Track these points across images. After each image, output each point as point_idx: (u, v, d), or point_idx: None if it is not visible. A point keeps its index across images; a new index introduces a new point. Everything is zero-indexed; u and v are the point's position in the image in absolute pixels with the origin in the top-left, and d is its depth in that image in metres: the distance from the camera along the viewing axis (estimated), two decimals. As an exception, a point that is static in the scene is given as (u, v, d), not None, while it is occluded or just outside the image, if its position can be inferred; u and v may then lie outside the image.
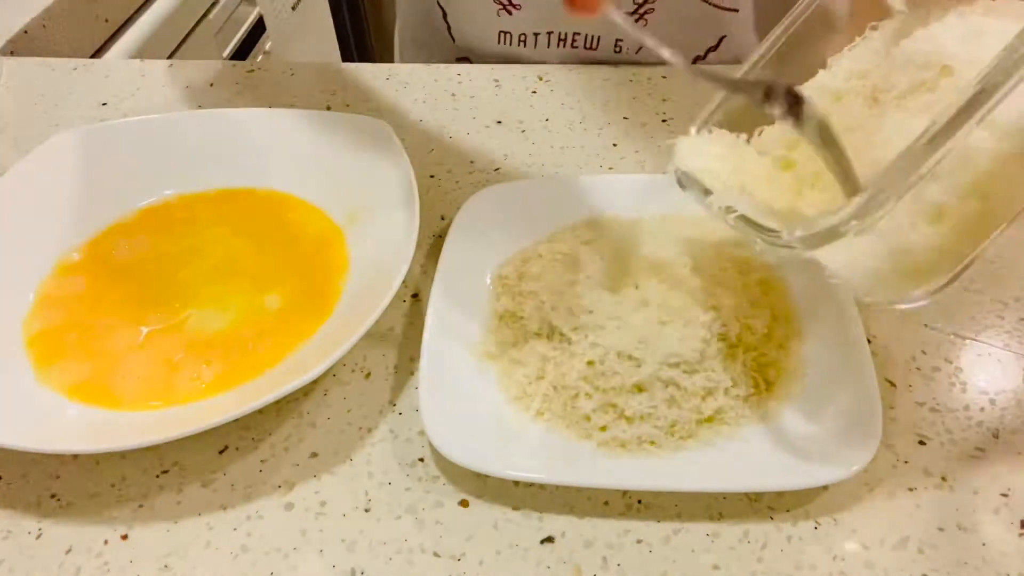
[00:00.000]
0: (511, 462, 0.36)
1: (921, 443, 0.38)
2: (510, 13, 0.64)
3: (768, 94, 0.31)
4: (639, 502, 0.37)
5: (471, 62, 0.69)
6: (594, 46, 0.65)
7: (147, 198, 0.52)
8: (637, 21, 0.62)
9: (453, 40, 0.69)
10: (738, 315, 0.40)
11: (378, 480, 0.38)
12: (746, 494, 0.37)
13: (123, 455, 0.39)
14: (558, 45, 0.66)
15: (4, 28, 0.78)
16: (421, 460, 0.39)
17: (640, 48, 0.64)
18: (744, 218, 0.33)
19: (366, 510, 0.37)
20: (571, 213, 0.48)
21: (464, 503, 0.37)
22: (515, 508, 0.37)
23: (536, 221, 0.48)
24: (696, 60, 0.65)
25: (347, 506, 0.37)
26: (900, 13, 0.37)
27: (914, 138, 0.28)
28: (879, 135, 0.33)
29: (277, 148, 0.52)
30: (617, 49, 0.65)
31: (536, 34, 0.65)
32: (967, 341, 0.43)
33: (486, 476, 0.38)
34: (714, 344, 0.39)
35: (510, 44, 0.66)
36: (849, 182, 0.31)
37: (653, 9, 0.62)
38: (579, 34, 0.64)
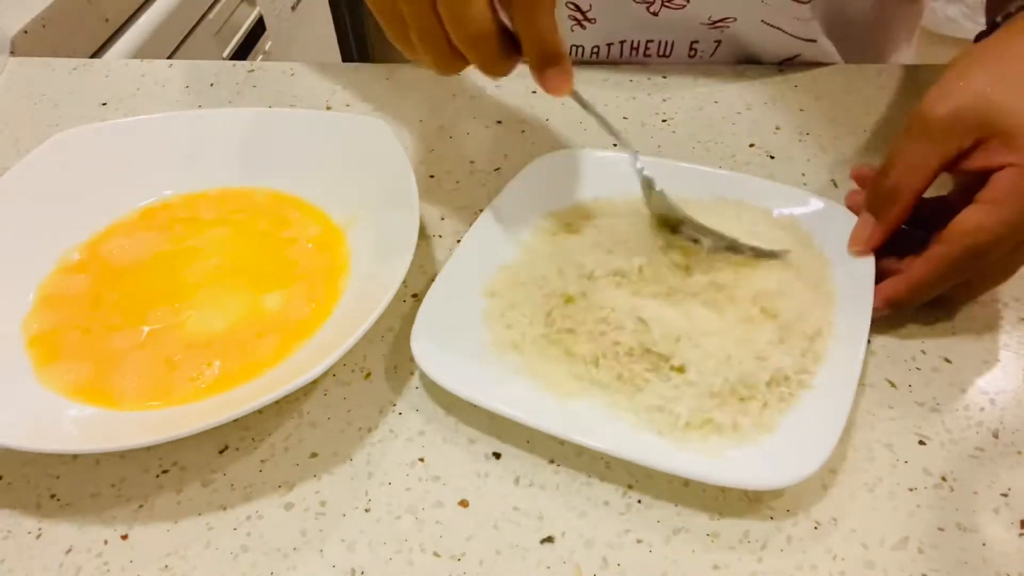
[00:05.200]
0: (494, 395, 0.38)
1: (921, 443, 0.38)
2: (584, 27, 0.63)
3: None
4: (639, 502, 0.37)
5: None
6: (668, 53, 0.65)
7: (147, 198, 0.52)
8: (712, 30, 0.62)
9: None
10: (769, 304, 0.41)
11: (378, 480, 0.38)
12: (745, 493, 0.37)
13: (123, 455, 0.39)
14: (631, 53, 0.65)
15: (4, 28, 0.78)
16: (421, 460, 0.39)
17: (715, 51, 0.64)
18: None
19: (366, 510, 0.37)
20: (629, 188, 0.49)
21: (464, 503, 0.37)
22: (515, 508, 0.37)
23: (591, 189, 0.50)
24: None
25: (347, 506, 0.37)
26: None
27: None
28: None
29: (277, 148, 0.52)
30: (692, 53, 0.65)
31: (609, 44, 0.64)
32: (967, 341, 0.43)
33: (486, 475, 0.38)
34: (742, 331, 0.40)
35: (582, 56, 0.65)
36: None
37: (728, 27, 0.61)
38: (652, 41, 0.63)
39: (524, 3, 0.37)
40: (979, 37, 0.45)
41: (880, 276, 0.42)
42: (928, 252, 0.40)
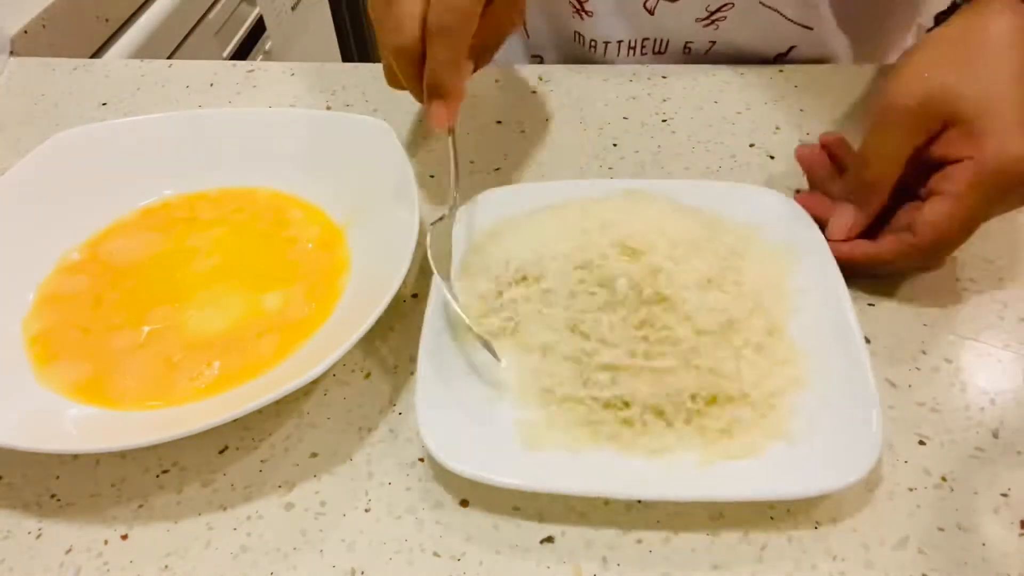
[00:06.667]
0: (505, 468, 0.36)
1: (921, 443, 0.38)
2: (582, 18, 0.64)
3: None
4: (639, 502, 0.37)
5: (543, 62, 0.70)
6: (663, 50, 0.66)
7: (147, 198, 0.52)
8: (708, 27, 0.63)
9: (528, 35, 0.70)
10: (738, 314, 0.40)
11: (378, 480, 0.38)
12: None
13: (123, 455, 0.39)
14: (628, 53, 0.66)
15: (4, 28, 0.78)
16: (421, 460, 0.39)
17: (709, 50, 0.65)
18: None
19: (366, 510, 0.37)
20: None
21: (464, 503, 0.37)
22: (515, 508, 0.37)
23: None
24: (764, 62, 0.65)
25: (347, 506, 0.37)
26: None
27: None
28: None
29: (277, 148, 0.52)
30: (687, 50, 0.66)
31: (607, 43, 0.66)
32: (967, 341, 0.43)
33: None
34: (719, 342, 0.39)
35: (581, 44, 0.67)
36: None
37: (725, 17, 0.62)
38: (648, 39, 0.65)
39: (430, 32, 0.41)
40: (939, 18, 0.46)
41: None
42: (900, 237, 0.43)
